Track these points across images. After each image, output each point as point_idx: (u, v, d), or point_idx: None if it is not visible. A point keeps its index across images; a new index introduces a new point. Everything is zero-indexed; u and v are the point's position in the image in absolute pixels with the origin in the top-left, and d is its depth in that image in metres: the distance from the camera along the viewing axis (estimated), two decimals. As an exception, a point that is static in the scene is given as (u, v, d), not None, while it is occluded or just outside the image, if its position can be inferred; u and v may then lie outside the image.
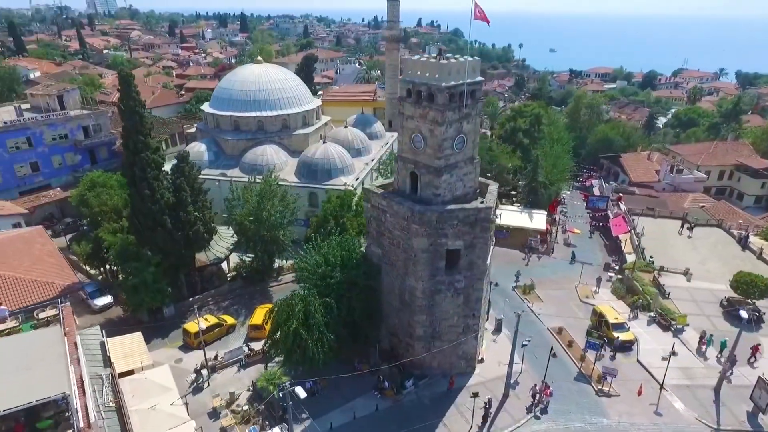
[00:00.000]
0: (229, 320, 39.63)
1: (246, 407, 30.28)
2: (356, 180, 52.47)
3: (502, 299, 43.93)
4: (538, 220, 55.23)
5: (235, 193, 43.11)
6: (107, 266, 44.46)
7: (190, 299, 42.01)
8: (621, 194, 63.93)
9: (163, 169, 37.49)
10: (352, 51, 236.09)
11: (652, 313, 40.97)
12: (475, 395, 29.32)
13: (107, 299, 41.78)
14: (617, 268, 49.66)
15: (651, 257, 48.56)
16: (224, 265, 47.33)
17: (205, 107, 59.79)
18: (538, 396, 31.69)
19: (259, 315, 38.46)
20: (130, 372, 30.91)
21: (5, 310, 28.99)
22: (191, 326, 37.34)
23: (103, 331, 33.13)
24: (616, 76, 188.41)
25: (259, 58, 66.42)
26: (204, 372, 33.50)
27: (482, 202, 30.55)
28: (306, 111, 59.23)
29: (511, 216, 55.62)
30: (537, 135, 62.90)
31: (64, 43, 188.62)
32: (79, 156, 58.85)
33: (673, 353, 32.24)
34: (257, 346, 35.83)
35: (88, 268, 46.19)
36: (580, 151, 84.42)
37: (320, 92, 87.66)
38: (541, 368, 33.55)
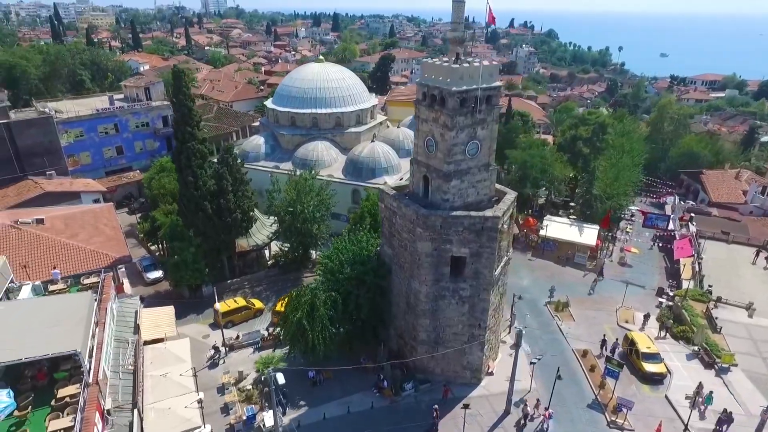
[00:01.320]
0: (258, 304, 42.04)
1: (250, 387, 32.12)
2: (399, 180, 52.86)
3: (531, 313, 42.32)
4: (588, 234, 52.05)
5: (275, 185, 45.44)
6: (161, 244, 48.96)
7: (228, 281, 45.19)
8: (692, 214, 58.17)
9: (208, 158, 40.63)
10: (437, 51, 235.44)
11: (695, 347, 37.19)
12: (466, 407, 28.69)
13: (158, 273, 46.16)
14: (671, 294, 45.50)
15: (710, 286, 43.95)
16: (267, 253, 50.25)
17: (268, 103, 63.41)
18: (529, 414, 30.36)
19: (283, 303, 40.43)
20: (159, 340, 34.28)
21: (58, 273, 33.28)
22: (221, 306, 40.18)
23: (141, 302, 36.88)
24: (725, 84, 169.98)
25: (321, 57, 69.08)
26: (222, 349, 35.99)
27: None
28: (360, 110, 60.63)
29: (558, 228, 52.98)
30: (600, 145, 58.98)
31: (174, 40, 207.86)
32: (158, 143, 65.15)
33: (698, 393, 29.14)
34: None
35: (149, 245, 51.29)
36: (659, 164, 77.84)
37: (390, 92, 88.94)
38: (550, 388, 31.95)
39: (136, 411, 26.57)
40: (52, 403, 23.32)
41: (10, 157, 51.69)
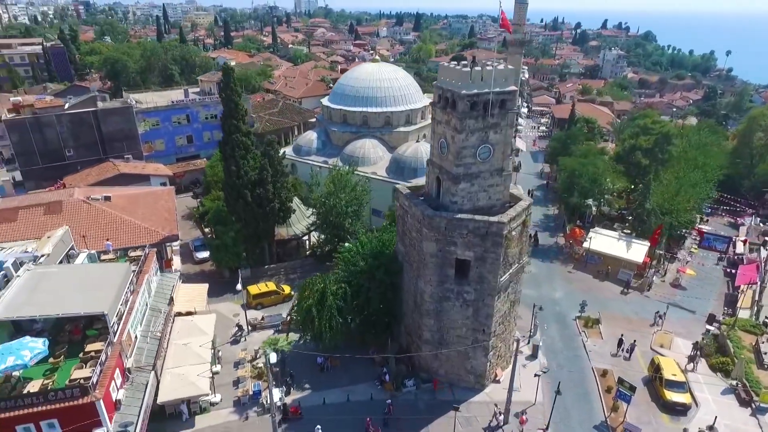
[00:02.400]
0: (287, 290, 44.45)
1: (262, 365, 34.31)
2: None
3: (557, 326, 40.93)
4: (636, 250, 48.92)
5: (314, 178, 47.59)
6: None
7: (266, 267, 48.12)
8: (767, 238, 52.58)
9: (251, 150, 43.59)
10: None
11: (733, 381, 34.03)
12: (456, 409, 28.69)
13: (206, 254, 50.16)
14: (722, 322, 41.74)
15: (767, 317, 39.76)
16: (308, 243, 52.74)
17: (324, 100, 66.03)
18: (501, 417, 30.37)
19: (307, 290, 42.44)
20: (190, 313, 37.62)
21: (110, 245, 37.71)
22: (252, 288, 43.13)
23: (180, 278, 40.61)
24: None
25: (377, 57, 70.43)
26: (245, 328, 38.65)
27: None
28: (410, 110, 61.35)
29: (604, 242, 50.30)
30: (662, 156, 54.91)
31: (262, 38, 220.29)
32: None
33: (711, 428, 26.86)
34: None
35: (204, 227, 55.80)
36: (743, 181, 70.68)
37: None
38: (561, 404, 31.01)
39: (153, 372, 29.62)
40: (81, 355, 26.79)
41: (95, 141, 58.66)
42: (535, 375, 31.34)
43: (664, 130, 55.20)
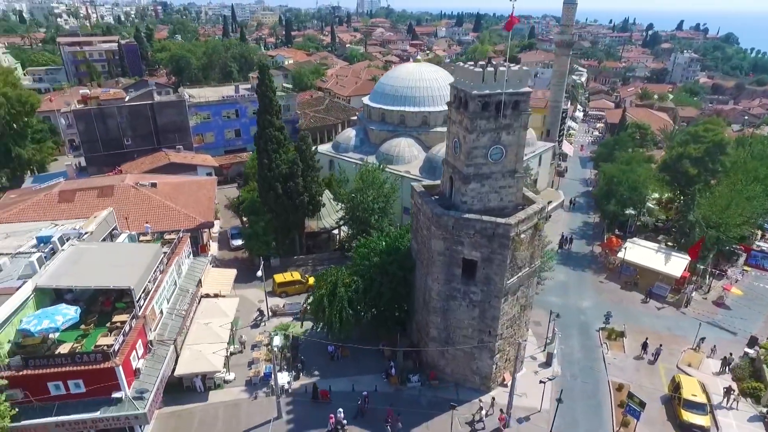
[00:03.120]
0: (311, 280, 45.78)
1: (276, 348, 35.85)
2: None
3: (579, 336, 39.82)
4: (675, 264, 46.42)
5: (342, 174, 48.83)
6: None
7: (295, 257, 49.98)
8: (828, 260, 48.18)
9: (284, 144, 45.46)
10: (582, 54, 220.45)
11: (763, 409, 31.77)
12: (453, 407, 28.80)
13: (240, 241, 52.74)
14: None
15: (814, 345, 36.65)
16: (339, 237, 54.17)
17: (365, 99, 67.26)
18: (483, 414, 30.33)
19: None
20: (216, 296, 39.90)
21: (149, 227, 40.72)
22: (278, 277, 45.04)
23: (211, 262, 43.13)
24: None
25: (419, 57, 70.69)
26: (266, 314, 40.50)
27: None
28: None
29: (641, 253, 48.10)
30: (713, 166, 51.51)
31: (321, 37, 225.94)
32: (270, 129, 73.14)
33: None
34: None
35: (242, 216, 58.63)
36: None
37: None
38: (569, 414, 30.47)
39: (173, 347, 31.87)
40: (108, 325, 29.39)
41: (151, 132, 63.12)
42: (541, 381, 30.81)
43: (716, 139, 51.82)
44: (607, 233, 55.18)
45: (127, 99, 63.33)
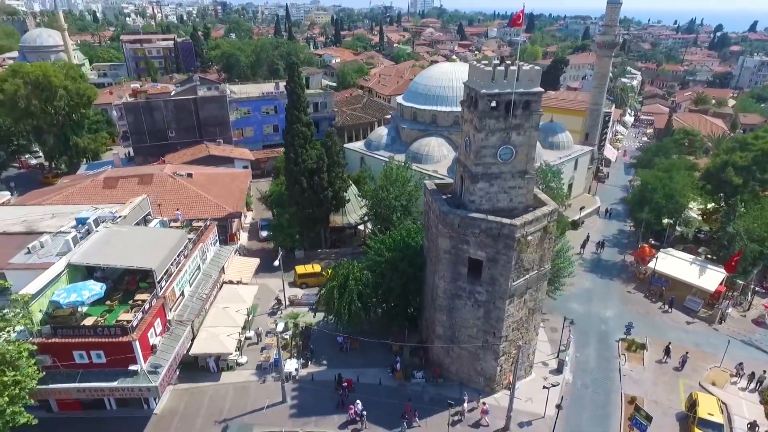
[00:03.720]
0: (330, 273, 46.94)
1: (287, 337, 37.10)
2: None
3: (597, 345, 38.68)
4: (710, 278, 44.01)
5: (367, 171, 49.53)
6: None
7: (319, 250, 51.23)
8: None
9: (311, 139, 46.72)
10: (640, 56, 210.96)
11: (789, 436, 29.77)
12: (450, 405, 28.80)
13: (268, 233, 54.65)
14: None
15: None
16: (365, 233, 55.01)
17: (398, 98, 67.71)
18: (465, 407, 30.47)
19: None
20: (239, 282, 41.66)
21: (180, 214, 43.08)
22: (300, 268, 46.38)
23: (237, 251, 45.02)
24: None
25: (454, 57, 70.21)
26: (283, 302, 41.86)
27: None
28: (481, 111, 60.68)
29: (674, 264, 45.89)
30: (762, 176, 48.22)
31: (371, 36, 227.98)
32: (306, 125, 75.05)
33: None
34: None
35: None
36: None
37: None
38: (575, 422, 29.93)
39: (190, 327, 33.69)
40: (130, 302, 31.48)
41: (193, 125, 66.35)
42: (544, 387, 30.24)
43: (766, 147, 48.59)
44: (641, 242, 52.98)
45: (173, 93, 66.85)
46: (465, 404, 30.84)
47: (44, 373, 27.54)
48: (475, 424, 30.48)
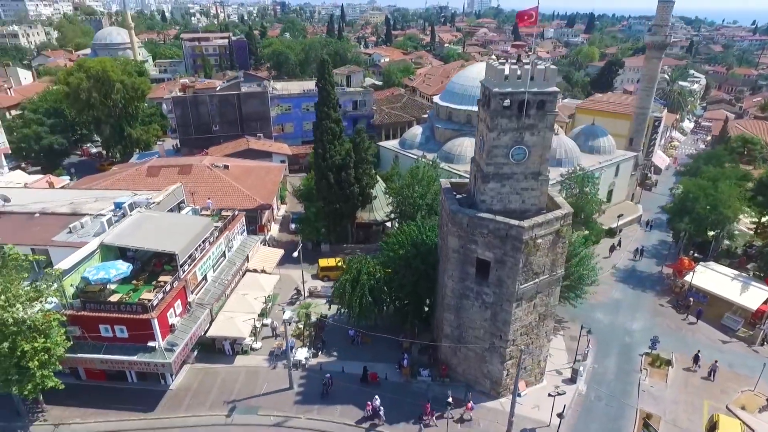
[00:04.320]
0: (353, 268, 47.66)
1: (301, 326, 38.06)
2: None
3: (618, 357, 37.15)
4: (752, 295, 41.10)
5: (393, 169, 49.80)
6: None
7: (344, 245, 52.09)
8: None
9: (340, 136, 47.59)
10: (708, 59, 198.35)
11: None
12: (449, 405, 28.60)
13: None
14: None
15: None
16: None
17: (435, 98, 67.46)
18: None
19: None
20: (263, 271, 43.16)
21: (210, 203, 45.10)
22: (322, 261, 47.38)
23: (263, 241, 46.63)
24: None
25: (493, 56, 68.81)
26: (302, 293, 42.96)
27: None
28: (517, 112, 59.45)
29: (713, 279, 43.16)
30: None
31: (423, 36, 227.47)
32: (345, 123, 75.91)
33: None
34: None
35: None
36: None
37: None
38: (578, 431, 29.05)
39: (209, 310, 35.35)
40: (154, 283, 33.45)
41: (236, 119, 69.10)
42: (549, 395, 29.45)
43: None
44: (681, 254, 50.15)
45: (218, 89, 69.92)
46: (449, 399, 30.53)
47: (72, 342, 29.88)
48: (460, 419, 30.24)
